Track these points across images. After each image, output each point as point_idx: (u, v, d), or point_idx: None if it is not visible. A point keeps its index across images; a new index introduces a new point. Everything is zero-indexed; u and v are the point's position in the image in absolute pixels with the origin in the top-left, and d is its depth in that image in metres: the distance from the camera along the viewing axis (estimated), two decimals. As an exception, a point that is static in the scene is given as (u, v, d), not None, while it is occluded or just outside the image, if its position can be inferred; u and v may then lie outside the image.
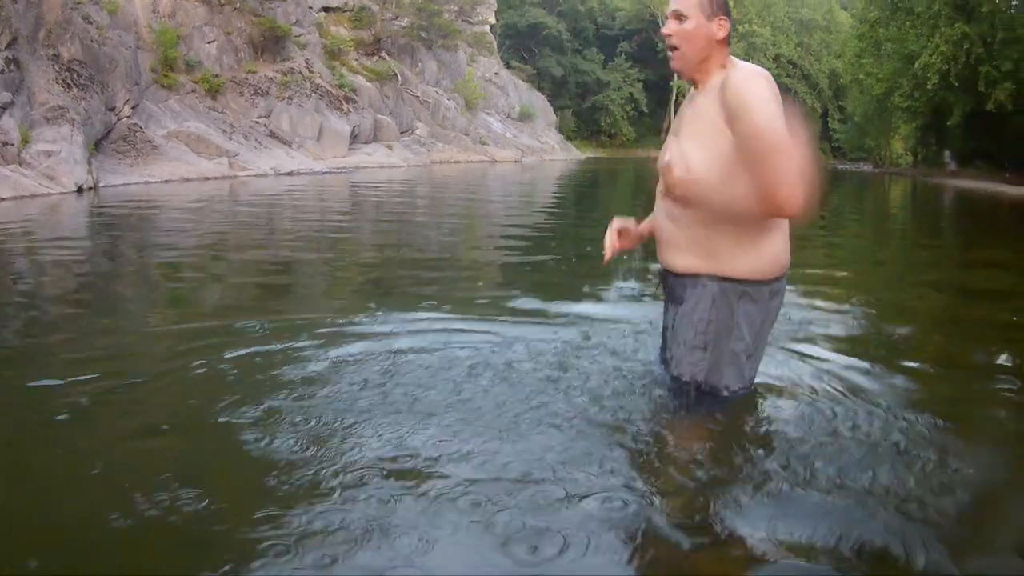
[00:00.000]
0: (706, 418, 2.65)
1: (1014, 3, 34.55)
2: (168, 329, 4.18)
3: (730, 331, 2.55)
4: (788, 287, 2.73)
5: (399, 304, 4.79)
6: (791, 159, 2.19)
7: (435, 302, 4.69)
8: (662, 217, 2.64)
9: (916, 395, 3.35)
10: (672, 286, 2.65)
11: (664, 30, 2.54)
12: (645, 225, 2.85)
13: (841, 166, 58.91)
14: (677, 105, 62.68)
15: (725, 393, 2.61)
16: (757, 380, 2.80)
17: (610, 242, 2.78)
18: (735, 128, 2.31)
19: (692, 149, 2.44)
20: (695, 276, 2.55)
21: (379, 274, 6.19)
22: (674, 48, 2.51)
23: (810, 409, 2.94)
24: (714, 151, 2.38)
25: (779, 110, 2.28)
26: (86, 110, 15.69)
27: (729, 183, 2.35)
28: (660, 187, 2.64)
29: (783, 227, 2.55)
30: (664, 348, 2.84)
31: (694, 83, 2.58)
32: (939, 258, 8.75)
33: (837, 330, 4.51)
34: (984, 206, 20.06)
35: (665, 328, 2.80)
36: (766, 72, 2.39)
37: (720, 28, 2.47)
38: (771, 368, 3.26)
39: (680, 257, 2.58)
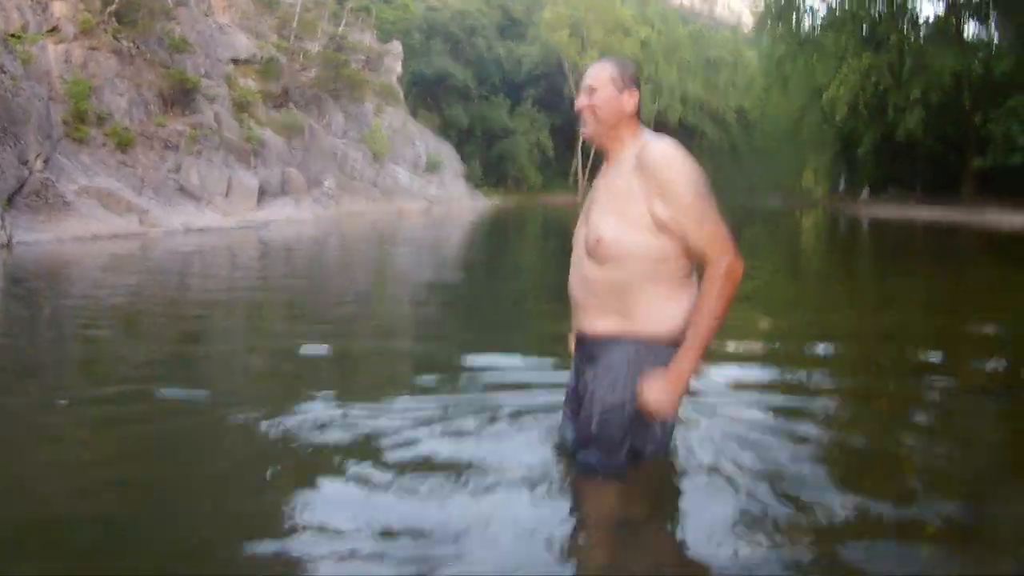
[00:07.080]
0: (624, 478, 2.71)
1: (923, 33, 36.27)
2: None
3: None
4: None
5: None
6: (718, 226, 2.54)
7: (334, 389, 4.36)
8: (579, 284, 2.75)
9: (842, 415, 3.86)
10: (590, 349, 2.75)
11: (577, 104, 2.72)
12: None
13: (751, 203, 58.80)
14: (585, 150, 62.97)
15: (647, 452, 2.72)
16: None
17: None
18: (667, 206, 2.52)
19: (610, 223, 2.61)
20: (612, 338, 2.66)
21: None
22: (586, 119, 2.71)
23: (728, 456, 3.05)
24: (631, 222, 2.57)
25: (701, 186, 2.54)
26: (-1, 163, 15.81)
27: (644, 248, 2.57)
28: (575, 257, 2.79)
29: (693, 288, 2.68)
30: (573, 410, 2.93)
31: (606, 153, 2.76)
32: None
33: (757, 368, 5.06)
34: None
35: (577, 392, 2.89)
36: (678, 146, 2.60)
37: (630, 100, 2.67)
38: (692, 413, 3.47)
39: (598, 320, 2.69)
